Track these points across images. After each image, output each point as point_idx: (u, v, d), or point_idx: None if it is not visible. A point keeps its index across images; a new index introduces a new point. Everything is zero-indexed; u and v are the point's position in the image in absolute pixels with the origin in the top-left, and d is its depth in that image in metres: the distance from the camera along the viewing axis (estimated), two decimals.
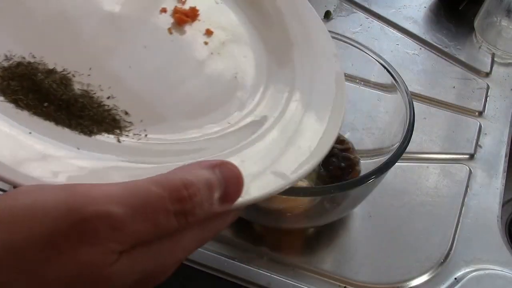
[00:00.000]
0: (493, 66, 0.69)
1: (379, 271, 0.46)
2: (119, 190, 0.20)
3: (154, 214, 0.20)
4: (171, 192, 0.21)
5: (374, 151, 0.51)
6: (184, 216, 0.21)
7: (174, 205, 0.21)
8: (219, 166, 0.23)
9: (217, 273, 0.45)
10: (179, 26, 0.35)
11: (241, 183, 0.24)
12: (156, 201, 0.20)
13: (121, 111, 0.28)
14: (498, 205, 0.52)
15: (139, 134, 0.28)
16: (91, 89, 0.28)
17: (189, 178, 0.22)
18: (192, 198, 0.22)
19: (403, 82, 0.46)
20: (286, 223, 0.47)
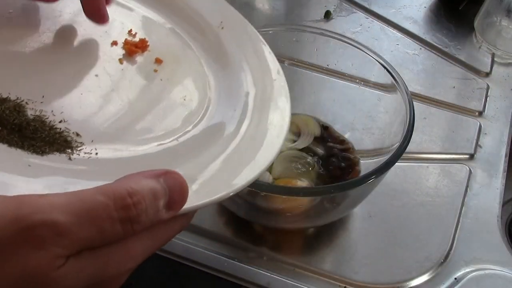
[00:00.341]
0: (493, 66, 0.69)
1: (379, 271, 0.46)
2: (65, 199, 0.21)
3: (99, 221, 0.22)
4: (116, 200, 0.22)
5: (374, 151, 0.51)
6: (129, 223, 0.23)
7: (119, 213, 0.22)
8: (163, 175, 0.25)
9: (217, 273, 0.45)
10: (130, 57, 0.37)
11: (186, 190, 0.25)
12: (101, 209, 0.22)
13: (73, 133, 0.30)
14: (498, 205, 0.52)
15: (90, 153, 0.30)
16: (44, 114, 0.30)
17: (134, 187, 0.23)
18: (137, 206, 0.23)
19: (403, 82, 0.46)
20: (286, 223, 0.47)
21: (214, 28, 0.42)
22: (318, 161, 0.50)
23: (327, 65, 0.55)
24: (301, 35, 0.52)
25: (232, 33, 0.42)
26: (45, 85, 0.32)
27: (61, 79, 0.33)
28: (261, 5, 0.77)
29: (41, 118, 0.30)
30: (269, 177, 0.47)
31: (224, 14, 0.43)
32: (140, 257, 0.25)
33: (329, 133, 0.53)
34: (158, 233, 0.26)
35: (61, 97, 0.32)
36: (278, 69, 0.41)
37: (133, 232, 0.23)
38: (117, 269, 0.24)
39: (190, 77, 0.39)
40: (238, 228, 0.49)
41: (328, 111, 0.55)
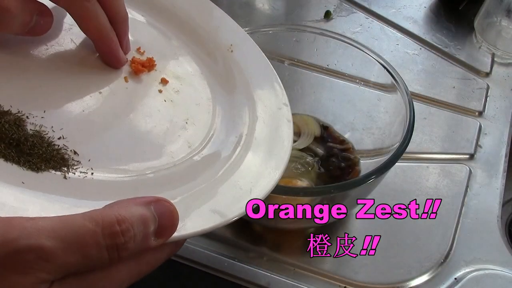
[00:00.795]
0: (493, 66, 0.69)
1: (379, 271, 0.46)
2: (53, 224, 0.21)
3: (86, 247, 0.22)
4: (104, 227, 0.22)
5: (374, 151, 0.51)
6: (116, 250, 0.23)
7: (106, 240, 0.22)
8: (154, 202, 0.25)
9: (217, 273, 0.45)
10: (135, 75, 0.37)
11: (176, 218, 0.26)
12: (88, 235, 0.22)
13: (71, 151, 0.30)
14: (498, 205, 0.52)
15: (86, 172, 0.29)
16: (43, 130, 0.30)
17: (123, 214, 0.23)
18: (125, 233, 0.23)
19: (403, 82, 0.46)
20: (286, 223, 0.47)
21: (223, 51, 0.42)
22: (318, 161, 0.50)
23: (327, 65, 0.55)
24: (301, 35, 0.52)
25: (241, 57, 0.42)
26: (47, 100, 0.31)
27: (64, 95, 0.33)
28: (261, 5, 0.77)
29: (40, 134, 0.29)
30: None
31: (235, 37, 0.42)
32: (126, 283, 0.25)
33: (329, 133, 0.53)
34: (146, 259, 0.26)
35: (62, 113, 0.32)
36: (284, 100, 0.41)
37: (119, 259, 0.23)
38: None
39: (194, 100, 0.38)
40: (238, 228, 0.49)
41: (328, 111, 0.55)
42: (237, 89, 0.40)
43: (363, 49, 0.49)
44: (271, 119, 0.39)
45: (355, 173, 0.49)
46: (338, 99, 0.55)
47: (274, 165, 0.35)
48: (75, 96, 0.33)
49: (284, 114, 0.40)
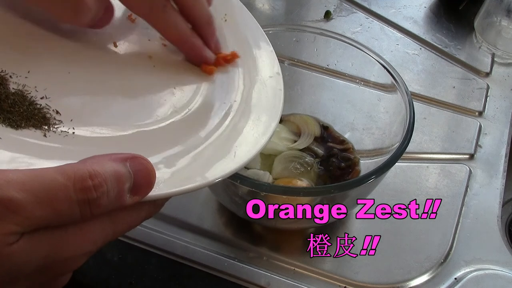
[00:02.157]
0: (493, 66, 0.69)
1: (379, 271, 0.46)
2: (24, 177, 0.21)
3: (56, 201, 0.21)
4: (75, 181, 0.22)
5: (374, 151, 0.51)
6: (88, 206, 0.22)
7: (77, 194, 0.22)
8: (130, 159, 0.24)
9: (217, 273, 0.45)
10: (126, 41, 0.37)
11: (152, 176, 0.25)
12: (59, 189, 0.22)
13: (53, 110, 0.30)
14: (498, 205, 0.52)
15: (67, 131, 0.29)
16: (27, 90, 0.30)
17: (96, 168, 0.23)
18: (97, 188, 0.22)
19: (403, 82, 0.46)
20: (286, 223, 0.47)
21: (217, 20, 0.41)
22: (318, 161, 0.50)
23: (327, 65, 0.55)
24: (301, 35, 0.52)
25: (235, 26, 0.41)
26: (33, 61, 0.31)
27: (51, 57, 0.33)
28: (261, 5, 0.77)
29: (22, 93, 0.29)
30: (269, 177, 0.47)
31: (230, 6, 0.42)
32: (100, 241, 0.25)
33: (329, 133, 0.53)
34: (121, 218, 0.25)
35: (48, 74, 0.32)
36: (277, 69, 0.40)
37: (91, 215, 0.23)
38: (73, 251, 0.23)
39: (184, 67, 0.38)
40: (238, 228, 0.49)
41: (328, 111, 0.55)
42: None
43: (363, 49, 0.49)
44: (262, 87, 0.39)
45: (355, 173, 0.49)
46: (338, 99, 0.55)
47: (261, 131, 0.35)
48: (61, 59, 0.33)
49: (276, 83, 0.39)
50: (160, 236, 0.47)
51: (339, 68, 0.54)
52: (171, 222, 0.49)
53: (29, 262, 0.22)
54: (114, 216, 0.25)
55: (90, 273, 0.44)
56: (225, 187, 0.44)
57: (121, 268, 0.45)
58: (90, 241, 0.24)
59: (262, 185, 0.39)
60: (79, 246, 0.24)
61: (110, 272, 0.44)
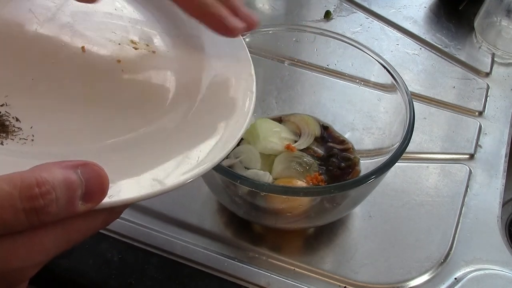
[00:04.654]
0: (493, 66, 0.69)
1: (379, 271, 0.46)
2: None
3: (1, 210, 0.21)
4: (21, 190, 0.21)
5: (374, 151, 0.51)
6: (35, 214, 0.22)
7: (23, 203, 0.21)
8: (81, 165, 0.24)
9: (217, 273, 0.45)
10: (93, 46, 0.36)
11: (105, 183, 0.24)
12: (4, 198, 0.21)
13: (13, 117, 0.29)
14: (498, 205, 0.52)
15: (26, 139, 0.29)
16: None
17: (44, 176, 0.22)
18: (45, 196, 0.22)
19: (403, 82, 0.46)
20: (286, 223, 0.47)
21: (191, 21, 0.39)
22: (318, 161, 0.50)
23: (327, 65, 0.55)
24: (301, 35, 0.52)
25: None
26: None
27: (15, 62, 0.32)
28: (261, 5, 0.77)
29: None
30: (269, 177, 0.47)
31: None
32: (53, 251, 0.24)
33: (329, 133, 0.53)
34: (75, 226, 0.24)
35: (9, 80, 0.31)
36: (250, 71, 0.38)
37: (39, 223, 0.22)
38: (23, 262, 0.23)
39: (152, 66, 0.37)
40: (238, 228, 0.49)
41: (328, 111, 0.55)
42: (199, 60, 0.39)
43: (363, 49, 0.49)
44: (232, 91, 0.37)
45: (355, 173, 0.49)
46: (338, 99, 0.55)
47: (228, 135, 0.33)
48: (25, 65, 0.32)
49: (247, 85, 0.37)
50: (160, 236, 0.47)
51: (339, 68, 0.54)
52: (171, 222, 0.49)
53: None
54: (67, 224, 0.24)
55: (90, 273, 0.44)
56: (225, 187, 0.44)
57: (121, 268, 0.45)
58: (41, 251, 0.23)
59: (262, 185, 0.39)
60: (29, 256, 0.23)
61: (110, 272, 0.44)
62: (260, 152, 0.49)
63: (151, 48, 0.38)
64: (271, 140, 0.50)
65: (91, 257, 0.45)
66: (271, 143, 0.50)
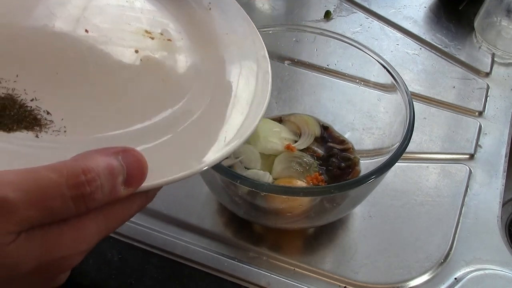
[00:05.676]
0: (493, 66, 0.69)
1: (379, 271, 0.46)
2: (18, 176, 0.21)
3: (50, 199, 0.22)
4: (68, 178, 0.22)
5: (374, 151, 0.51)
6: (83, 201, 0.23)
7: (71, 191, 0.22)
8: (121, 152, 0.25)
9: (217, 273, 0.45)
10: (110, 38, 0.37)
11: (144, 167, 0.26)
12: (52, 187, 0.22)
13: (43, 111, 0.30)
14: (498, 205, 0.52)
15: (59, 130, 0.30)
16: (16, 93, 0.30)
17: (89, 164, 0.23)
18: (91, 183, 0.23)
19: (403, 82, 0.46)
20: (286, 223, 0.47)
21: (202, 8, 0.41)
22: (318, 161, 0.50)
23: (327, 65, 0.55)
24: (301, 35, 0.52)
25: (219, 14, 0.41)
26: (20, 64, 0.32)
27: (38, 58, 0.33)
28: (261, 5, 0.77)
29: (12, 97, 0.30)
30: (269, 177, 0.47)
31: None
32: (95, 239, 0.25)
33: (329, 133, 0.53)
34: (114, 213, 0.25)
35: (35, 76, 0.32)
36: (264, 53, 0.40)
37: (86, 210, 0.23)
38: (69, 250, 0.23)
39: (170, 58, 0.38)
40: (238, 228, 0.49)
41: (328, 111, 0.55)
42: (213, 45, 0.40)
43: (363, 49, 0.49)
44: (248, 73, 0.39)
45: (355, 173, 0.49)
46: (338, 99, 0.55)
47: (252, 116, 0.35)
48: (48, 60, 0.33)
49: (263, 66, 0.39)
50: (160, 236, 0.47)
51: (339, 68, 0.54)
52: (171, 222, 0.49)
53: (26, 261, 0.22)
54: (107, 211, 0.25)
55: (90, 273, 0.44)
56: (225, 187, 0.44)
57: (121, 268, 0.45)
58: (85, 239, 0.24)
59: (262, 185, 0.39)
60: (74, 245, 0.24)
61: (110, 272, 0.44)
62: (260, 152, 0.49)
63: (166, 37, 0.39)
64: (271, 140, 0.50)
65: (91, 257, 0.45)
66: (271, 143, 0.50)
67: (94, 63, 0.35)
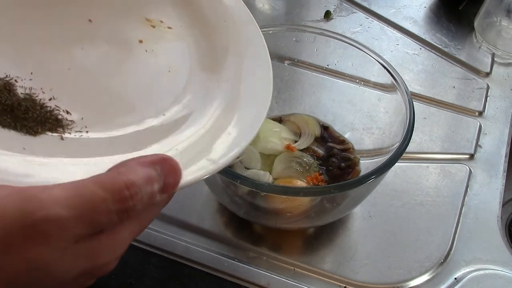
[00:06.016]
0: (493, 66, 0.69)
1: (379, 271, 0.46)
2: (67, 193, 0.23)
3: (97, 214, 0.23)
4: (114, 194, 0.23)
5: (374, 151, 0.51)
6: (126, 213, 0.24)
7: (116, 205, 0.23)
8: (159, 162, 0.26)
9: (217, 273, 0.45)
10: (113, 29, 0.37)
11: (179, 175, 0.27)
12: (99, 202, 0.23)
13: (63, 111, 0.30)
14: (498, 205, 0.52)
15: (81, 131, 0.30)
16: (34, 92, 0.30)
17: (131, 177, 0.24)
18: (134, 197, 0.24)
19: (403, 82, 0.46)
20: (286, 223, 0.47)
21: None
22: (318, 161, 0.50)
23: (327, 65, 0.55)
24: (301, 35, 0.52)
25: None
26: (33, 61, 0.31)
27: (48, 54, 0.32)
28: (261, 5, 0.77)
29: (31, 97, 0.29)
30: (269, 177, 0.47)
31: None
32: (129, 241, 0.26)
33: (329, 133, 0.53)
34: (146, 216, 0.27)
35: (49, 72, 0.31)
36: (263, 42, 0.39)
37: (128, 219, 0.25)
38: (107, 257, 0.25)
39: (173, 50, 0.38)
40: (238, 228, 0.49)
41: (328, 111, 0.55)
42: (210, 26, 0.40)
43: (363, 49, 0.49)
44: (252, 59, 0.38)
45: (355, 173, 0.49)
46: (338, 99, 0.55)
47: (255, 113, 0.35)
48: (59, 55, 0.33)
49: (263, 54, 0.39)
50: (160, 236, 0.47)
51: (339, 68, 0.54)
52: (171, 222, 0.49)
53: (72, 271, 0.24)
54: (141, 216, 0.26)
55: None
56: (225, 187, 0.44)
57: (121, 268, 0.45)
58: (121, 244, 0.26)
59: (262, 185, 0.39)
60: (112, 251, 0.25)
61: (110, 272, 0.44)
62: (260, 152, 0.49)
63: (166, 24, 0.39)
64: (271, 140, 0.50)
65: None
66: (271, 143, 0.50)
67: (100, 57, 0.34)
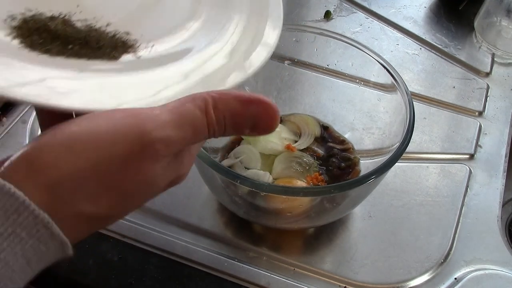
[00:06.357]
0: (493, 66, 0.69)
1: (379, 271, 0.46)
2: (173, 115, 0.25)
3: (196, 136, 0.26)
4: (208, 118, 0.26)
5: (374, 151, 0.51)
6: (213, 135, 0.27)
7: (209, 127, 0.26)
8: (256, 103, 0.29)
9: (217, 273, 0.45)
10: None
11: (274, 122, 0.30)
12: (199, 126, 0.26)
13: (123, 33, 0.31)
14: (498, 205, 0.52)
15: (148, 47, 0.31)
16: (90, 23, 0.30)
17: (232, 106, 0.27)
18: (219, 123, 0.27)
19: (403, 82, 0.46)
20: (286, 223, 0.47)
21: None
22: (318, 161, 0.50)
23: (327, 65, 0.55)
24: (301, 35, 0.52)
25: None
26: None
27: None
28: None
29: (91, 27, 0.30)
30: (269, 177, 0.47)
31: None
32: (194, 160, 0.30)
33: (329, 133, 0.53)
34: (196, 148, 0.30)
35: (93, 1, 0.32)
36: None
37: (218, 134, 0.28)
38: (186, 170, 0.28)
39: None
40: (238, 228, 0.49)
41: (328, 111, 0.55)
42: None
43: (363, 49, 0.49)
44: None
45: (355, 173, 0.49)
46: (338, 99, 0.55)
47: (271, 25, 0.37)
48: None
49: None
50: (160, 236, 0.47)
51: (339, 68, 0.54)
52: (171, 222, 0.49)
53: (168, 179, 0.27)
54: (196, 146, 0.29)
55: (90, 273, 0.44)
56: (225, 187, 0.44)
57: (121, 268, 0.45)
58: (192, 161, 0.29)
59: (262, 185, 0.39)
60: (189, 165, 0.29)
61: (110, 272, 0.44)
62: (260, 152, 0.49)
63: None
64: (271, 140, 0.50)
65: (91, 257, 0.45)
66: (271, 143, 0.50)
67: None
